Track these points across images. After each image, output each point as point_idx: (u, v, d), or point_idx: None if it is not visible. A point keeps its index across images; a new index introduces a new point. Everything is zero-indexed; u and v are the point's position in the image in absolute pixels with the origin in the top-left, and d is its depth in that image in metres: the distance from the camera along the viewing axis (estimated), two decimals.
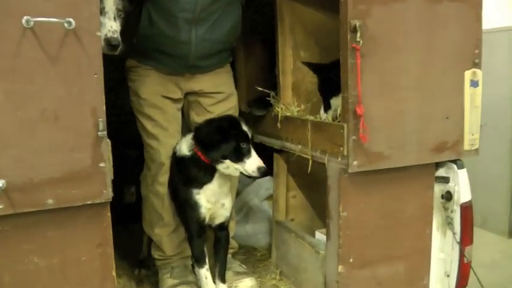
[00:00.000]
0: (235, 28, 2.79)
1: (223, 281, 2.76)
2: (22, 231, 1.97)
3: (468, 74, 2.45)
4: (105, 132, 1.96)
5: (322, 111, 2.76)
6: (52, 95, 1.89)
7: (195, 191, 2.60)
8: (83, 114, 1.94)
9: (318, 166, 2.61)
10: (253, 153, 2.46)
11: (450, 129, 2.47)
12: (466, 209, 2.51)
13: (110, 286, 2.13)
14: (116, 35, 2.15)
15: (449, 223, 2.52)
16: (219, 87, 2.88)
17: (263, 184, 3.65)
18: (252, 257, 3.44)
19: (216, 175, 2.57)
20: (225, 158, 2.47)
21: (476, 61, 2.47)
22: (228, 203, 2.69)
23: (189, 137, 2.64)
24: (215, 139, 2.48)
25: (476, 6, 2.45)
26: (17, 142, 1.87)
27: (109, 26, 2.18)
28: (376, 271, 2.53)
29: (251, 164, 2.43)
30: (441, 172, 2.56)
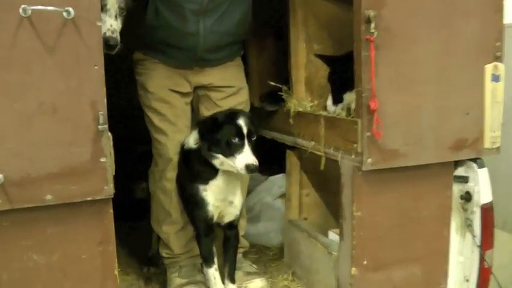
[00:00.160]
0: (244, 20, 2.70)
1: (232, 281, 2.67)
2: (21, 227, 1.92)
3: (489, 68, 2.32)
4: (105, 126, 1.89)
5: (329, 103, 2.66)
6: (50, 87, 1.83)
7: (202, 188, 2.52)
8: (82, 107, 1.87)
9: (332, 163, 2.50)
10: (245, 148, 2.34)
11: (470, 125, 2.35)
12: (487, 211, 2.38)
13: (112, 285, 2.06)
14: (115, 35, 2.07)
15: (468, 225, 2.39)
16: (229, 81, 2.79)
17: (276, 182, 3.55)
18: (264, 257, 3.35)
19: (220, 171, 2.47)
20: (217, 153, 2.39)
21: (497, 54, 2.33)
22: (237, 201, 2.60)
23: (196, 131, 2.55)
24: (208, 132, 2.41)
25: None
26: (14, 135, 1.81)
27: (109, 25, 2.10)
28: (391, 274, 2.41)
29: (240, 160, 2.33)
30: (460, 171, 2.43)
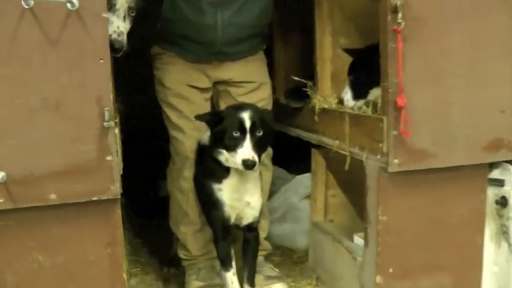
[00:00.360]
0: (266, 11, 2.57)
1: (252, 286, 2.55)
2: (25, 227, 1.86)
3: None
4: (111, 122, 1.80)
5: (348, 97, 2.51)
6: (53, 82, 1.76)
7: (216, 187, 2.41)
8: (87, 102, 1.79)
9: (360, 163, 2.35)
10: (245, 143, 2.21)
11: (506, 124, 2.16)
12: None
13: None
14: (121, 38, 1.99)
15: (504, 232, 2.21)
16: (250, 76, 2.67)
17: (303, 181, 3.40)
18: (288, 259, 3.22)
19: (232, 169, 2.36)
20: (221, 148, 2.29)
21: None
22: (255, 202, 2.47)
23: None
24: (212, 126, 2.33)
25: None
26: (16, 132, 1.75)
27: (115, 26, 2.01)
28: (418, 283, 2.25)
29: (239, 155, 2.21)
30: (495, 174, 2.24)
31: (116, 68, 4.04)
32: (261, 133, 2.24)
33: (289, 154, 3.54)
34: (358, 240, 2.58)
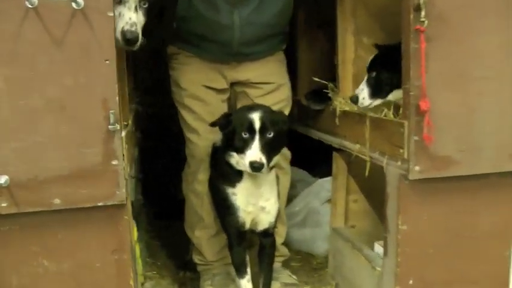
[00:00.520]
0: (286, 9, 2.48)
1: None
2: (30, 231, 1.82)
3: None
4: (117, 126, 1.74)
5: (364, 95, 2.34)
6: (58, 83, 1.71)
7: (230, 191, 2.34)
8: (92, 105, 1.73)
9: (382, 168, 2.24)
10: (254, 145, 2.13)
11: None
12: None
13: None
14: (134, 28, 1.90)
15: None
16: (268, 77, 2.58)
17: (325, 185, 3.29)
18: (308, 265, 3.12)
19: (245, 173, 2.28)
20: (232, 150, 2.22)
21: None
22: (271, 207, 2.39)
23: None
24: (223, 127, 2.26)
25: None
26: (20, 135, 1.70)
27: (127, 18, 1.93)
28: None
29: (247, 157, 2.13)
30: None
31: (140, 68, 4.06)
32: (272, 134, 2.16)
33: (312, 156, 3.44)
34: (378, 248, 2.46)
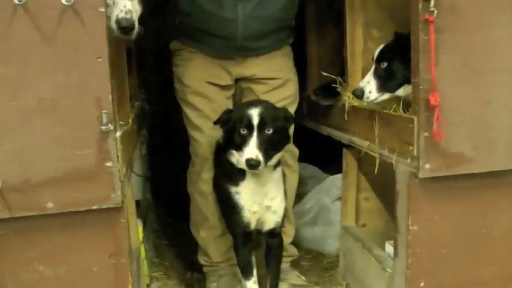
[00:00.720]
0: (291, 3, 2.39)
1: None
2: (25, 236, 1.77)
3: None
4: (110, 126, 1.67)
5: (371, 88, 2.18)
6: (49, 82, 1.65)
7: (234, 190, 2.27)
8: (85, 104, 1.67)
9: (392, 165, 2.15)
10: (251, 142, 2.05)
11: None
12: None
13: None
14: (129, 16, 1.81)
15: None
16: (274, 72, 2.49)
17: (336, 182, 3.19)
18: (318, 265, 3.04)
19: (248, 171, 2.20)
20: (231, 147, 2.16)
21: None
22: (276, 206, 2.31)
23: None
24: (223, 124, 2.22)
25: None
26: (11, 136, 1.65)
27: (122, 5, 1.84)
28: None
29: (244, 154, 2.06)
30: None
31: (147, 65, 4.00)
32: (271, 131, 2.08)
33: (325, 152, 3.35)
34: (389, 248, 2.36)
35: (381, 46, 2.25)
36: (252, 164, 2.01)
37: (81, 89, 1.65)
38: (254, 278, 2.36)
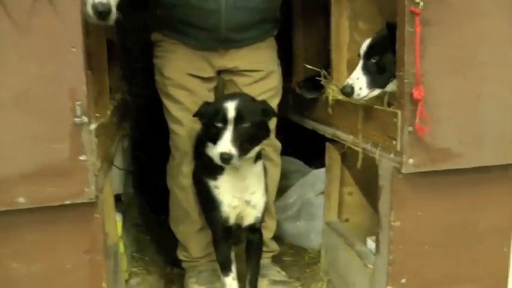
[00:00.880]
0: None
1: None
2: None
3: None
4: (84, 118, 1.61)
5: (361, 85, 2.06)
6: (21, 73, 1.57)
7: (213, 184, 2.23)
8: (59, 96, 1.60)
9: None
10: (225, 136, 2.01)
11: None
12: None
13: None
14: (106, 1, 1.76)
15: None
16: (257, 64, 2.44)
17: (320, 176, 3.15)
18: (301, 260, 3.01)
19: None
20: (208, 140, 2.14)
21: None
22: (257, 200, 2.27)
23: None
24: (201, 117, 2.20)
25: None
26: None
27: None
28: None
29: (217, 148, 2.01)
30: None
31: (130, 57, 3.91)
32: (247, 125, 2.04)
33: (309, 145, 3.31)
34: (371, 244, 2.34)
35: (369, 40, 2.14)
36: (225, 158, 1.96)
37: (54, 80, 1.58)
38: (233, 274, 2.32)
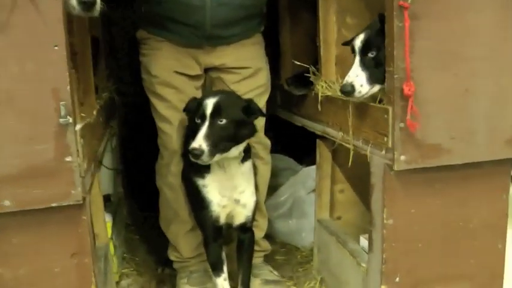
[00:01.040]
0: None
1: None
2: None
3: None
4: (69, 119, 1.57)
5: (361, 81, 1.92)
6: (3, 72, 1.53)
7: (201, 183, 2.20)
8: (42, 95, 1.56)
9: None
10: (200, 131, 1.98)
11: None
12: None
13: None
14: None
15: None
16: (245, 61, 2.41)
17: (311, 173, 3.12)
18: (293, 259, 2.98)
19: (213, 163, 2.14)
20: (189, 135, 2.13)
21: None
22: (246, 200, 2.25)
23: None
24: (186, 114, 2.23)
25: None
26: None
27: None
28: None
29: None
30: None
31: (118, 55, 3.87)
32: (224, 122, 2.02)
33: (299, 142, 3.28)
34: (364, 242, 2.31)
35: (362, 35, 2.01)
36: (195, 154, 1.93)
37: (37, 80, 1.54)
38: (225, 275, 2.29)
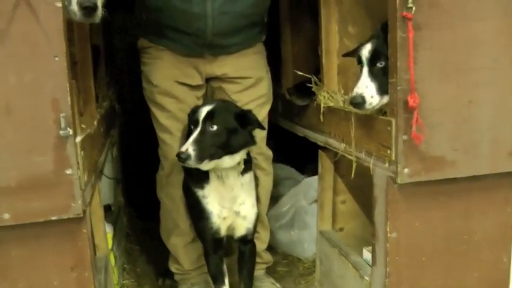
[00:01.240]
0: None
1: None
2: None
3: None
4: (69, 130, 1.55)
5: (371, 92, 1.89)
6: (2, 83, 1.51)
7: (200, 194, 2.20)
8: (41, 107, 1.55)
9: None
10: (191, 137, 2.02)
11: None
12: None
13: None
14: None
15: None
16: (246, 71, 2.39)
17: (313, 184, 3.10)
18: (295, 270, 2.95)
19: (211, 173, 2.15)
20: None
21: None
22: (247, 212, 2.23)
23: None
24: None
25: None
26: None
27: None
28: None
29: None
30: None
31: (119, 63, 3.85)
32: (215, 128, 2.03)
33: (302, 152, 3.26)
34: (367, 254, 2.29)
35: (369, 45, 1.97)
36: (180, 157, 1.95)
37: (36, 91, 1.53)
38: (226, 287, 2.26)
